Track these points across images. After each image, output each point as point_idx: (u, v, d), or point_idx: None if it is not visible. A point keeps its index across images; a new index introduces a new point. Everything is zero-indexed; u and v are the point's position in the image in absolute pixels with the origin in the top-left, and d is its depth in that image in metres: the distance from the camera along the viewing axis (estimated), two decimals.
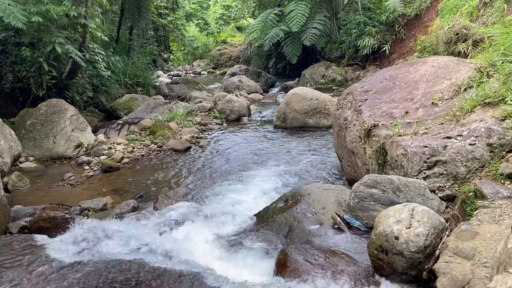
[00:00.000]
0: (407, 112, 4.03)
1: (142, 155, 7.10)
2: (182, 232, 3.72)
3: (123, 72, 11.75)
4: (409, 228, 2.48)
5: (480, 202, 2.78)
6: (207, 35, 22.88)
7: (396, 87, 4.52)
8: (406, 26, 14.12)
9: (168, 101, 10.14)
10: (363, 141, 4.23)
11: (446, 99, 3.96)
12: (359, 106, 4.55)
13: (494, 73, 3.83)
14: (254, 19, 24.63)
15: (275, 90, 16.43)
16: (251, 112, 10.18)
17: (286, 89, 15.33)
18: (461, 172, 3.15)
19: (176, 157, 7.01)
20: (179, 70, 25.40)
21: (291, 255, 2.72)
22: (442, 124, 3.64)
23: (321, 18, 15.72)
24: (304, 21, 14.93)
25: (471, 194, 2.94)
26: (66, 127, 7.30)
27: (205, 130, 8.71)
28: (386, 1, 14.34)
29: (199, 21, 20.25)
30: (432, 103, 3.99)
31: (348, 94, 5.10)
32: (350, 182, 5.03)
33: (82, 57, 8.14)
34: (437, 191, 3.21)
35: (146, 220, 4.08)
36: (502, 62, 3.87)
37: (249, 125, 9.21)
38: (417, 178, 3.30)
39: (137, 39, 15.89)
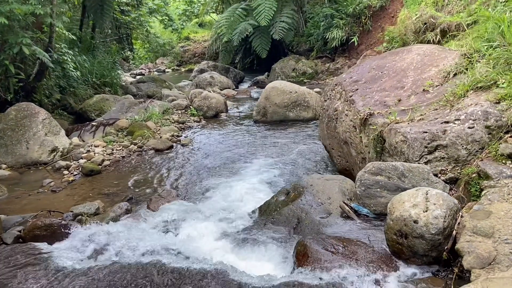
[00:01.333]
0: (400, 100, 4.11)
1: (123, 157, 6.88)
2: (186, 231, 3.65)
3: (90, 72, 11.34)
4: (426, 211, 2.53)
5: (486, 182, 2.88)
6: (172, 32, 22.40)
7: (385, 76, 4.60)
8: (372, 17, 14.44)
9: (143, 100, 9.87)
10: (358, 130, 4.29)
11: (436, 86, 4.07)
12: (350, 96, 4.60)
13: (481, 59, 3.97)
14: (218, 14, 24.47)
15: (245, 85, 16.35)
16: (228, 108, 10.11)
17: (257, 84, 15.33)
18: (462, 155, 3.26)
19: (159, 157, 6.85)
20: (142, 69, 24.75)
21: (310, 245, 2.72)
22: (437, 109, 3.74)
23: (288, 12, 15.80)
24: (272, 15, 14.94)
25: (474, 175, 3.04)
26: (38, 132, 6.95)
27: (184, 128, 8.56)
28: None
29: (163, 17, 19.80)
30: (424, 90, 4.10)
31: (336, 85, 5.15)
32: (341, 172, 5.09)
33: (49, 58, 7.78)
34: (439, 175, 3.30)
35: (144, 221, 3.97)
36: (487, 48, 4.01)
37: (229, 121, 9.15)
38: (418, 163, 3.38)
39: (99, 38, 15.37)
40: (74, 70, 9.00)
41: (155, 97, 11.06)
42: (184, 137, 7.86)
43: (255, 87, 14.71)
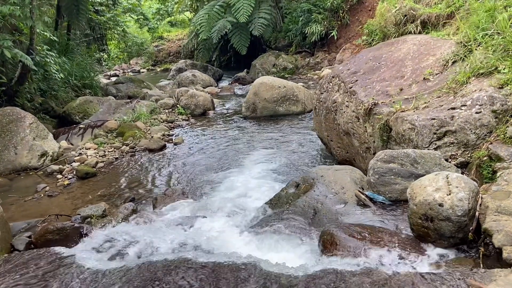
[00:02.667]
0: (401, 89, 4.20)
1: (116, 158, 6.77)
2: (202, 227, 3.63)
3: (69, 73, 11.06)
4: (450, 194, 2.60)
5: (499, 164, 2.99)
6: (148, 31, 22.06)
7: (383, 67, 4.69)
8: (350, 11, 14.63)
9: (129, 100, 9.71)
10: (361, 120, 4.36)
11: (436, 74, 4.18)
12: (350, 87, 4.68)
13: (477, 47, 4.10)
14: (191, 12, 24.24)
15: (224, 82, 16.26)
16: (215, 105, 10.06)
17: (238, 81, 15.31)
18: (471, 139, 3.37)
19: (153, 156, 6.77)
20: (115, 70, 24.29)
21: (337, 233, 2.76)
22: (440, 97, 3.85)
23: (266, 8, 15.84)
24: (251, 11, 14.93)
25: (485, 158, 3.15)
26: (26, 136, 6.76)
27: (173, 127, 8.48)
28: None
29: (139, 16, 19.47)
30: (424, 78, 4.20)
31: (333, 77, 5.21)
32: (341, 163, 5.15)
33: (31, 60, 7.54)
34: (450, 160, 3.41)
35: (155, 220, 3.92)
36: (483, 36, 4.15)
37: (217, 118, 9.12)
38: (428, 150, 3.47)
39: (74, 39, 14.99)
40: (57, 72, 8.74)
41: (139, 97, 10.88)
42: (176, 136, 7.78)
43: (237, 84, 14.68)
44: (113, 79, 18.55)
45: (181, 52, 26.44)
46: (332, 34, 14.31)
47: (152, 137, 7.54)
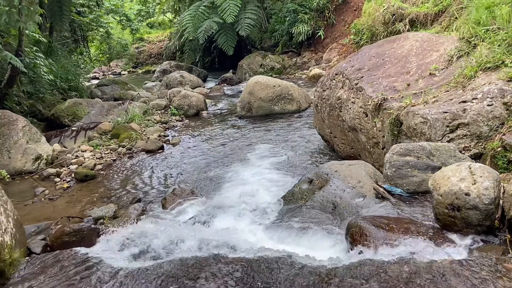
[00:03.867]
0: (409, 85, 4.28)
1: (114, 160, 6.66)
2: (220, 224, 3.63)
3: (55, 76, 10.82)
4: (475, 183, 2.67)
5: None
6: (131, 33, 21.79)
7: (388, 63, 4.77)
8: (335, 11, 14.81)
9: (121, 102, 9.56)
10: (370, 116, 4.42)
11: (442, 69, 4.28)
12: (356, 84, 4.74)
13: (480, 42, 4.22)
14: (172, 14, 24.07)
15: (210, 83, 16.22)
16: (207, 105, 10.02)
17: (225, 82, 15.31)
18: (484, 131, 3.46)
19: (152, 157, 6.70)
20: (95, 72, 23.87)
21: (365, 225, 2.79)
22: (448, 91, 3.94)
23: (252, 8, 15.86)
24: (237, 11, 14.93)
25: (500, 149, 3.24)
26: (19, 140, 6.58)
27: (168, 128, 8.41)
28: None
29: (122, 17, 19.21)
30: (430, 73, 4.29)
31: (336, 74, 5.27)
32: (344, 159, 5.22)
33: (21, 62, 7.35)
34: (463, 151, 3.49)
35: (170, 219, 3.90)
36: (485, 32, 4.27)
37: (212, 118, 9.08)
38: (441, 142, 3.55)
39: (57, 40, 14.68)
40: (46, 74, 8.54)
41: (130, 99, 10.73)
42: (172, 136, 7.71)
43: (225, 84, 14.66)
44: (94, 81, 18.25)
45: (162, 53, 26.24)
46: (319, 34, 14.46)
47: (148, 138, 7.46)
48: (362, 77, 4.76)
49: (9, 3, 7.11)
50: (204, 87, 14.15)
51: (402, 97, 4.12)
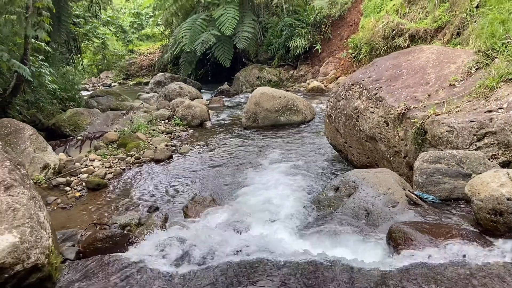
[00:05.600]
0: (429, 95, 4.39)
1: (123, 169, 6.61)
2: (252, 231, 3.62)
3: (56, 85, 10.74)
4: None
5: None
6: (126, 44, 21.77)
7: (405, 74, 4.88)
8: (332, 26, 15.10)
9: (125, 111, 9.51)
10: (391, 125, 4.50)
11: (461, 80, 4.40)
12: (375, 94, 4.83)
13: (500, 55, 4.36)
14: (166, 27, 24.15)
15: (206, 95, 16.23)
16: (210, 116, 10.04)
17: (222, 93, 15.38)
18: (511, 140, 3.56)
19: (161, 167, 6.66)
20: (85, 84, 23.70)
21: (409, 230, 2.83)
22: (471, 101, 4.05)
23: (249, 22, 16.07)
24: (235, 24, 15.10)
25: None
26: (27, 148, 6.48)
27: (173, 138, 8.38)
28: (311, 3, 15.18)
29: (117, 29, 19.20)
30: (450, 84, 4.41)
31: (353, 85, 5.36)
32: (359, 168, 5.27)
33: (28, 71, 7.29)
34: (491, 159, 3.57)
35: (197, 226, 3.87)
36: (501, 45, 4.42)
37: (216, 128, 9.09)
38: (469, 150, 3.64)
39: (54, 50, 14.59)
40: (50, 83, 8.47)
41: (134, 109, 10.68)
42: (179, 146, 7.69)
43: (222, 96, 14.71)
44: (84, 93, 18.12)
45: (153, 66, 26.24)
46: (316, 47, 14.68)
47: (155, 147, 7.42)
48: (381, 87, 4.85)
49: (18, 12, 7.10)
50: (202, 98, 14.16)
51: (425, 106, 4.21)
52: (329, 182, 4.30)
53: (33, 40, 7.87)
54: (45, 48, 8.09)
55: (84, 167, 6.41)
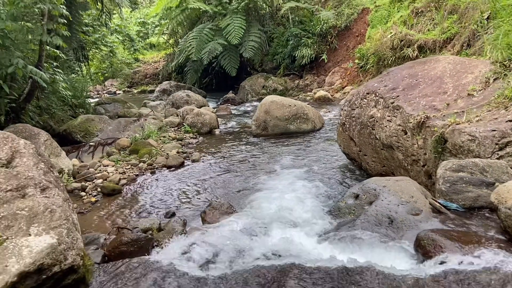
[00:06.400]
0: (448, 104, 4.43)
1: (137, 175, 6.63)
2: (274, 237, 3.62)
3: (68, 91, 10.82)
4: None
5: None
6: (133, 52, 21.92)
7: (422, 83, 4.93)
8: (338, 36, 15.22)
9: (136, 118, 9.56)
10: (409, 133, 4.53)
11: (479, 90, 4.44)
12: (392, 102, 4.87)
13: None
14: (172, 36, 24.34)
15: (211, 104, 16.30)
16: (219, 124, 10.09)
17: (228, 102, 15.47)
18: None
19: (174, 173, 6.69)
20: (90, 91, 23.83)
21: (437, 237, 2.85)
22: (490, 111, 4.09)
23: (256, 31, 16.22)
24: (242, 34, 15.24)
25: None
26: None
27: (184, 145, 8.41)
28: (317, 14, 15.33)
29: (124, 37, 19.35)
30: (468, 94, 4.45)
31: (368, 93, 5.40)
32: (374, 176, 5.28)
33: (46, 77, 7.35)
34: None
35: (218, 231, 3.87)
36: None
37: (226, 136, 9.13)
38: (491, 159, 3.66)
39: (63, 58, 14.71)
40: (63, 90, 8.53)
41: (145, 116, 10.74)
42: (190, 153, 7.71)
43: (229, 104, 14.79)
44: (89, 100, 18.22)
45: (157, 74, 26.41)
46: (323, 57, 14.79)
47: (167, 154, 7.45)
48: (398, 96, 4.90)
49: (34, 19, 7.19)
50: (208, 106, 14.24)
51: (444, 115, 4.25)
52: (348, 190, 4.32)
53: (47, 47, 7.96)
54: (60, 55, 8.15)
55: (99, 173, 6.43)
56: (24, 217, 2.31)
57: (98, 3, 15.08)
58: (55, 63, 8.36)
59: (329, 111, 10.62)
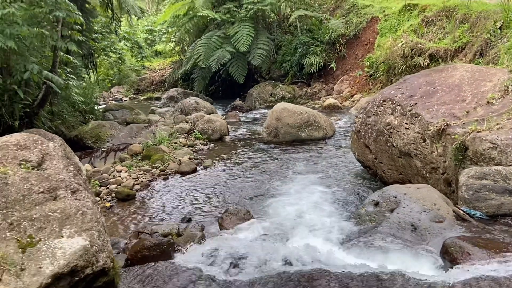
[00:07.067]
0: (468, 112, 4.42)
1: (150, 181, 6.64)
2: (296, 242, 3.61)
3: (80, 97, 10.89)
4: None
5: None
6: (141, 59, 22.07)
7: (440, 91, 4.93)
8: (346, 45, 15.27)
9: (148, 124, 9.60)
10: (429, 141, 4.53)
11: (498, 98, 4.44)
12: (410, 110, 4.87)
13: None
14: (178, 43, 24.50)
15: (218, 111, 16.34)
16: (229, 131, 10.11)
17: (236, 109, 15.48)
18: None
19: (187, 179, 6.69)
20: (95, 98, 23.95)
21: (465, 245, 2.83)
22: (511, 119, 4.07)
23: (264, 39, 16.30)
24: (250, 41, 15.33)
25: None
26: None
27: (195, 151, 8.42)
28: (326, 23, 15.42)
29: (133, 44, 19.51)
30: (487, 102, 4.44)
31: (384, 101, 5.41)
32: (390, 184, 5.26)
33: (61, 82, 7.41)
34: None
35: (238, 237, 3.90)
36: None
37: (237, 143, 9.14)
38: None
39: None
40: (76, 96, 8.59)
41: (157, 122, 10.79)
42: (203, 159, 7.72)
43: (238, 111, 14.81)
44: (96, 107, 18.33)
45: (163, 81, 26.54)
46: (331, 65, 14.83)
47: (179, 160, 7.46)
48: (416, 103, 4.90)
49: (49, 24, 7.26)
50: (217, 113, 14.27)
51: (464, 123, 4.24)
52: (367, 197, 4.31)
53: (61, 53, 8.03)
54: (73, 60, 8.22)
55: (113, 178, 6.45)
56: (56, 219, 2.32)
57: (108, 10, 15.24)
58: (68, 69, 8.39)
59: (339, 119, 10.61)
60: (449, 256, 2.87)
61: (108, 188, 6.15)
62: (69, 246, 2.21)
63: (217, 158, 7.81)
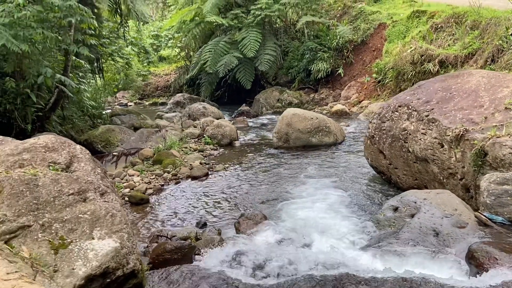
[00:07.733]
0: (486, 117, 4.41)
1: (162, 185, 6.65)
2: (316, 246, 3.62)
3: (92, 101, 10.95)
4: None
5: None
6: (148, 64, 22.18)
7: (457, 97, 4.92)
8: (354, 51, 15.29)
9: (158, 129, 9.63)
10: (446, 146, 4.51)
11: None
12: (427, 115, 4.86)
13: None
14: (184, 49, 24.61)
15: (225, 116, 16.36)
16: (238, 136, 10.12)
17: (243, 114, 15.49)
18: None
19: (200, 183, 6.70)
20: (107, 102, 24.06)
21: (491, 250, 2.82)
22: None
23: (271, 45, 16.35)
24: (258, 47, 15.38)
25: None
26: None
27: (205, 156, 8.42)
28: (333, 29, 15.47)
29: (140, 50, 19.61)
30: (506, 108, 4.43)
31: (400, 106, 5.41)
32: (405, 190, 5.24)
33: (75, 85, 7.47)
34: None
35: (258, 241, 3.89)
36: None
37: (246, 148, 9.14)
38: None
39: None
40: (87, 100, 8.64)
41: (167, 127, 10.82)
42: (214, 164, 7.72)
43: (245, 117, 14.82)
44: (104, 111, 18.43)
45: (169, 86, 26.62)
46: (339, 71, 14.85)
47: (191, 165, 7.46)
48: (433, 109, 4.89)
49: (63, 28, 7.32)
50: (224, 118, 14.30)
51: (483, 129, 4.23)
52: (386, 202, 4.30)
53: (73, 58, 8.09)
54: (84, 65, 8.27)
55: (125, 182, 6.45)
56: (86, 221, 2.32)
57: (117, 16, 15.35)
58: (80, 73, 8.44)
59: (348, 125, 10.61)
60: (475, 261, 2.85)
61: (121, 192, 6.16)
62: (101, 247, 2.21)
63: (228, 163, 7.82)
